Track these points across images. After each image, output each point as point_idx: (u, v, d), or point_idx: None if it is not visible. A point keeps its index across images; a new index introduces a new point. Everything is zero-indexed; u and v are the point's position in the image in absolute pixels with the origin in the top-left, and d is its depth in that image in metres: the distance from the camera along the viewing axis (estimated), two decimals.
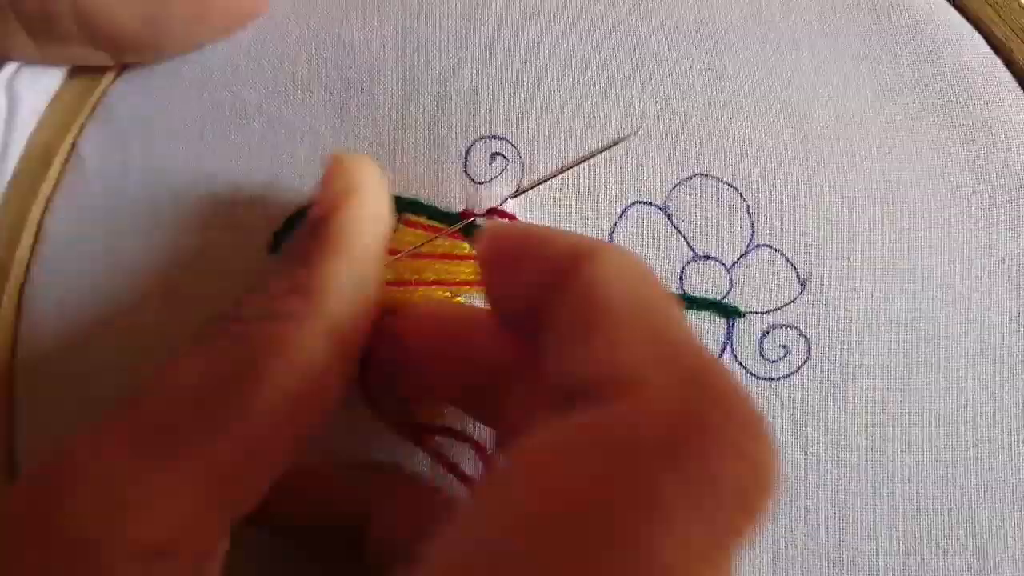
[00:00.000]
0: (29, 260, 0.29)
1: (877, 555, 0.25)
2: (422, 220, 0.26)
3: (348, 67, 0.28)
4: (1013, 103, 0.27)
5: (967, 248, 0.27)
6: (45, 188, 0.29)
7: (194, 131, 0.28)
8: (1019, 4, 0.28)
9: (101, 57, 0.28)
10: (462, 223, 0.26)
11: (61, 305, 0.28)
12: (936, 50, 0.28)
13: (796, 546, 0.25)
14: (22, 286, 0.29)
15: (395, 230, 0.27)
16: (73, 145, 0.29)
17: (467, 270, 0.26)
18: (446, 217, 0.26)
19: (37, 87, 0.29)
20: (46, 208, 0.29)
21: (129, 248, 0.28)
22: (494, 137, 0.27)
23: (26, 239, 0.29)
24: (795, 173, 0.27)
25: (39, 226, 0.29)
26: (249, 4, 0.27)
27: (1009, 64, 0.28)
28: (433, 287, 0.26)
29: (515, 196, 0.26)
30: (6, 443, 0.28)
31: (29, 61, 0.28)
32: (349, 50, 0.28)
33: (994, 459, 0.26)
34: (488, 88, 0.27)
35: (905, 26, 0.28)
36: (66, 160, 0.29)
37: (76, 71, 0.29)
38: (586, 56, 0.27)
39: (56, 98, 0.29)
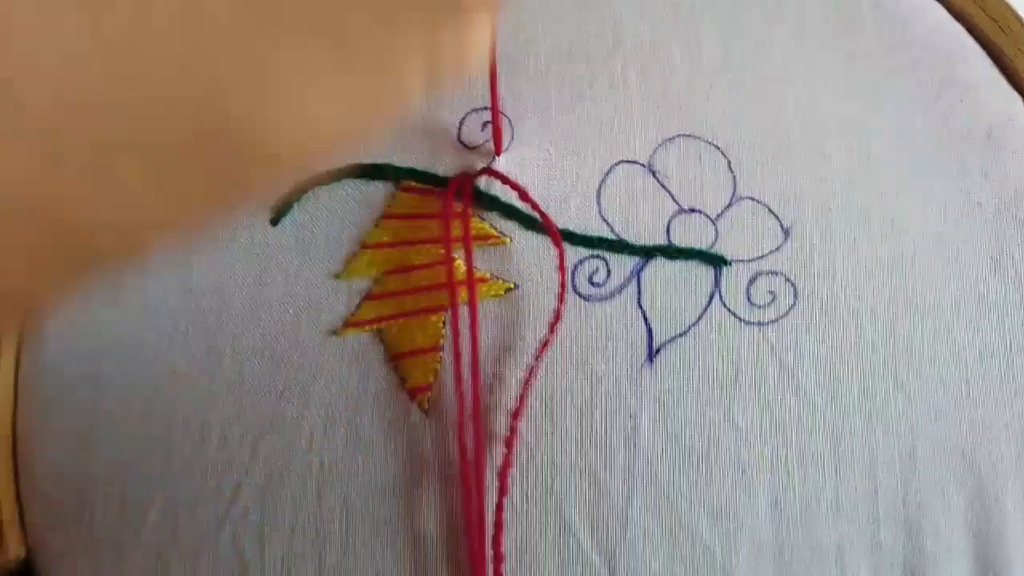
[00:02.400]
0: None
1: (876, 495, 0.25)
2: (418, 185, 0.28)
3: None
4: (976, 62, 0.29)
5: (943, 195, 0.28)
6: None
7: None
8: None
9: None
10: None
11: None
12: (901, 16, 0.29)
13: (794, 490, 0.25)
14: None
15: (393, 196, 0.28)
16: None
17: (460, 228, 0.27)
18: (441, 181, 0.28)
19: None
20: None
21: None
22: (485, 108, 0.28)
23: None
24: (772, 131, 0.28)
25: None
26: None
27: (970, 29, 0.29)
28: (428, 245, 0.27)
29: (499, 153, 0.27)
30: (11, 429, 0.29)
31: None
32: None
33: (986, 396, 0.26)
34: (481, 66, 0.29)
35: None
36: None
37: None
38: (571, 35, 0.29)
39: None
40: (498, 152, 0.27)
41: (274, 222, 0.28)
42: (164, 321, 0.28)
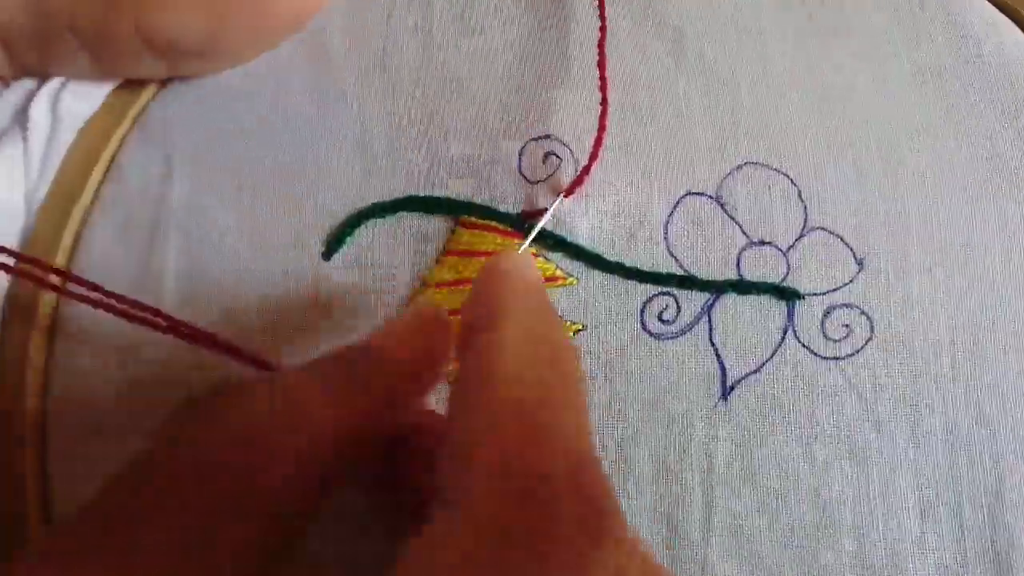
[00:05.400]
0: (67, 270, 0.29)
1: (963, 532, 0.25)
2: (479, 221, 0.27)
3: (398, 79, 0.28)
4: None
5: (1020, 218, 0.27)
6: (84, 200, 0.29)
7: (238, 141, 0.28)
8: None
9: (157, 70, 0.28)
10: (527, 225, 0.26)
11: (98, 316, 0.28)
12: (971, 33, 0.28)
13: (878, 528, 0.25)
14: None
15: (452, 231, 0.27)
16: (113, 158, 0.29)
17: None
18: (503, 217, 0.27)
19: (80, 105, 0.29)
20: (84, 220, 0.29)
21: (172, 261, 0.28)
22: (547, 137, 0.27)
23: (63, 250, 0.29)
24: (843, 156, 0.27)
25: (77, 237, 0.29)
26: (304, 5, 0.28)
27: None
28: None
29: (568, 194, 0.26)
30: (39, 449, 0.28)
31: (82, 77, 0.29)
32: (397, 63, 0.29)
33: None
34: (538, 91, 0.28)
35: (938, 11, 0.29)
36: (105, 173, 0.29)
37: (117, 85, 0.30)
38: (632, 57, 0.28)
39: (96, 111, 0.29)
40: (567, 194, 0.26)
41: (326, 256, 0.27)
42: (199, 360, 0.27)
